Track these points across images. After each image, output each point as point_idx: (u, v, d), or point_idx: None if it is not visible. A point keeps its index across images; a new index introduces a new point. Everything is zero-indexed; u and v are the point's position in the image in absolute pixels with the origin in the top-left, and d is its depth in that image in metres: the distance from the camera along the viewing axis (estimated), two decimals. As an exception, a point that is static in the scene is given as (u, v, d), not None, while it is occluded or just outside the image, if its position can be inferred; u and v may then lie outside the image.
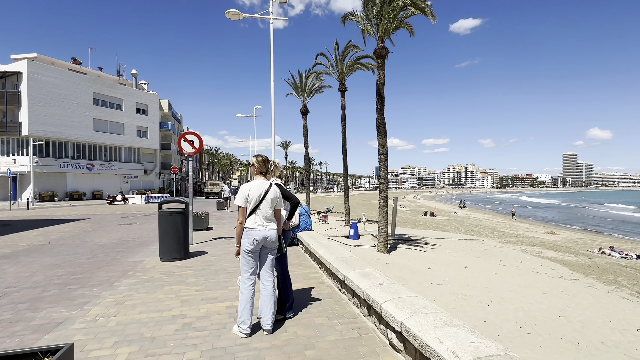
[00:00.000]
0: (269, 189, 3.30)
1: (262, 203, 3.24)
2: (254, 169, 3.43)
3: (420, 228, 28.92)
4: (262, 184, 3.32)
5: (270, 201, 3.29)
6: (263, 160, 3.44)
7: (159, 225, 6.26)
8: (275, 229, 3.32)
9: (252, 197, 3.22)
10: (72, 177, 38.27)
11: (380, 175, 15.01)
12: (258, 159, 3.47)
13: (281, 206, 3.48)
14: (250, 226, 3.20)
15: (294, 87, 30.86)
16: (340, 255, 5.03)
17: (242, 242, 3.22)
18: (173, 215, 6.25)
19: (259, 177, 3.41)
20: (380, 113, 14.82)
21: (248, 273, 3.25)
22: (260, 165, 3.42)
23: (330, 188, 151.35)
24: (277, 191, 3.39)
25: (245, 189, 3.26)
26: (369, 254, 13.17)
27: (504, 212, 53.04)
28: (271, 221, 3.30)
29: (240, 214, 3.24)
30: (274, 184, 3.40)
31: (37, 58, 36.76)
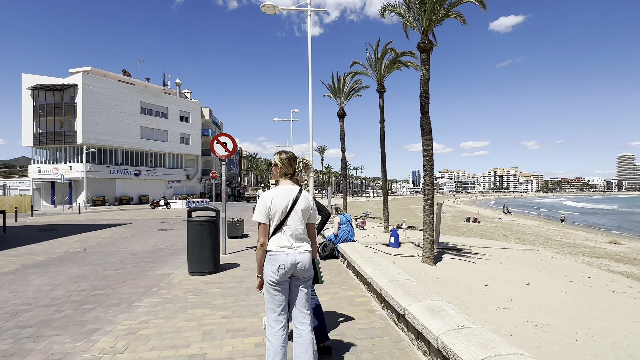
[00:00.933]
0: (298, 196, 2.43)
1: (289, 216, 2.38)
2: (277, 170, 2.56)
3: (464, 235, 26.93)
4: (289, 190, 2.44)
5: (302, 213, 2.41)
6: (288, 158, 2.54)
7: (188, 235, 5.71)
8: (308, 251, 2.42)
9: (276, 209, 2.35)
10: (121, 182, 40.32)
11: (425, 179, 13.77)
12: (282, 157, 2.54)
13: (315, 219, 2.57)
14: (274, 249, 2.33)
15: (331, 90, 30.23)
16: (393, 276, 4.11)
17: (265, 271, 2.36)
18: (202, 224, 5.66)
19: (285, 181, 2.52)
20: (425, 112, 13.63)
21: (275, 313, 2.36)
22: (285, 164, 2.52)
23: (366, 193, 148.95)
24: (309, 199, 2.50)
25: (267, 198, 2.38)
26: (414, 265, 12.00)
27: (553, 218, 48.73)
28: (303, 241, 2.43)
29: (261, 232, 2.36)
30: (304, 190, 2.53)
31: (91, 71, 39.33)
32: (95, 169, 37.24)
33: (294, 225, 2.36)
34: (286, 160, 2.51)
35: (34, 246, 9.09)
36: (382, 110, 23.65)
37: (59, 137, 36.63)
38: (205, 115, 54.96)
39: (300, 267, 2.34)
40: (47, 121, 36.99)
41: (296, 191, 2.44)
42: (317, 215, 2.63)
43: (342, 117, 30.53)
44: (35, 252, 8.16)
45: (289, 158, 2.52)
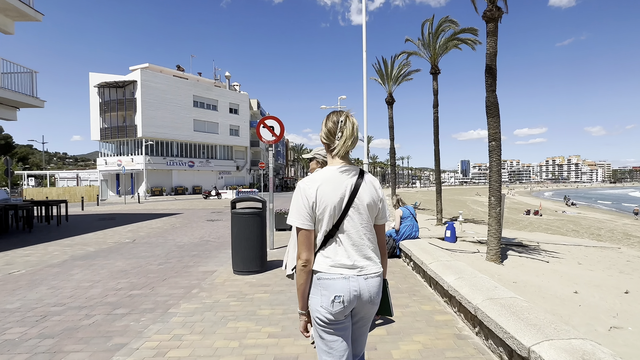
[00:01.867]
0: (359, 182, 1.50)
1: (347, 216, 1.47)
2: (328, 138, 1.56)
3: (527, 230, 24.27)
4: (344, 173, 1.50)
5: (367, 210, 1.50)
6: (334, 122, 1.53)
7: (232, 229, 5.09)
8: (378, 274, 1.50)
9: (324, 205, 1.44)
10: (177, 173, 42.35)
11: (492, 167, 12.11)
12: (332, 120, 1.54)
13: (386, 218, 1.63)
14: (326, 269, 1.44)
15: (379, 75, 28.66)
16: (489, 290, 3.08)
17: (312, 305, 1.47)
18: (247, 217, 5.00)
19: (336, 160, 1.54)
20: (492, 90, 11.88)
21: None
22: (331, 131, 1.53)
23: (413, 183, 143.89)
24: (376, 186, 1.57)
25: (308, 188, 1.47)
26: (479, 264, 10.59)
27: (624, 211, 42.79)
28: (370, 255, 1.50)
29: (302, 244, 1.45)
30: (367, 174, 1.58)
31: (149, 67, 41.38)
32: (154, 161, 39.39)
33: (355, 231, 1.46)
34: (332, 125, 1.52)
35: (89, 236, 9.23)
36: (435, 94, 21.74)
37: (122, 131, 39.20)
38: (254, 106, 55.81)
39: (368, 298, 1.44)
40: (111, 116, 39.72)
41: (355, 175, 1.49)
42: (387, 213, 1.64)
43: (391, 104, 28.85)
44: (88, 242, 8.19)
45: (334, 122, 1.52)
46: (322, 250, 1.45)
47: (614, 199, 73.60)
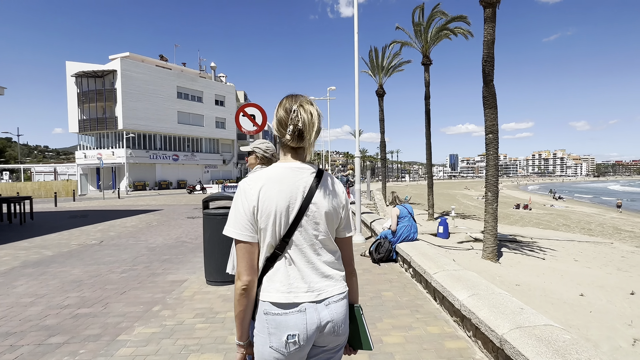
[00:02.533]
0: (316, 184, 1.19)
1: (300, 226, 1.16)
2: (279, 129, 1.25)
3: (519, 225, 24.24)
4: (295, 172, 1.19)
5: (325, 219, 1.20)
6: (286, 110, 1.21)
7: (204, 233, 4.38)
8: (343, 293, 1.21)
9: (268, 212, 1.13)
10: (160, 167, 40.99)
11: (489, 160, 11.66)
12: (284, 107, 1.23)
13: (352, 229, 1.32)
14: (275, 299, 1.13)
15: (370, 66, 27.99)
16: (515, 314, 2.48)
17: (258, 346, 1.15)
18: (222, 218, 4.29)
19: (287, 158, 1.24)
20: (489, 80, 11.39)
21: None
22: (283, 117, 1.22)
23: (402, 177, 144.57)
24: (338, 190, 1.26)
25: (250, 189, 1.15)
26: (476, 263, 10.15)
27: (608, 204, 43.82)
28: (331, 274, 1.20)
29: (242, 260, 1.13)
30: (328, 174, 1.26)
31: (130, 56, 39.65)
32: (136, 154, 37.95)
33: (309, 245, 1.18)
34: (283, 114, 1.22)
35: (52, 236, 8.35)
36: (427, 85, 21.22)
37: (101, 123, 37.57)
38: (240, 98, 54.48)
39: (330, 329, 1.17)
40: (90, 108, 38.00)
41: (310, 175, 1.21)
42: (353, 224, 1.35)
43: (382, 96, 28.29)
44: (48, 245, 7.34)
45: (285, 110, 1.22)
46: (267, 272, 1.16)
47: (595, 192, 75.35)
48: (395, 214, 5.12)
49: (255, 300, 1.15)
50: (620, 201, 39.94)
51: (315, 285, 1.15)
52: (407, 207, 5.24)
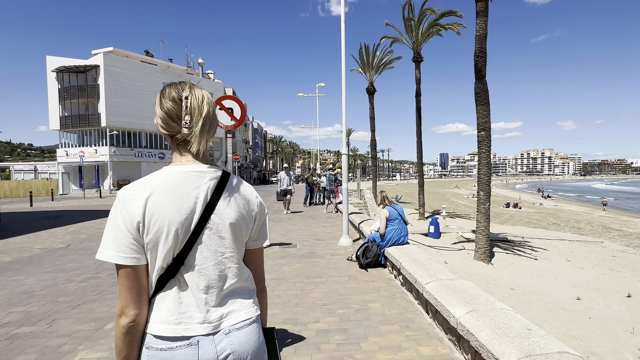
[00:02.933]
0: (219, 190, 0.99)
1: (198, 242, 0.95)
2: (168, 125, 1.03)
3: (509, 224, 24.25)
4: (191, 177, 0.97)
5: (232, 230, 1.00)
6: (174, 100, 1.01)
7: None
8: (250, 319, 1.01)
9: (157, 227, 0.90)
10: (146, 165, 39.97)
11: (481, 159, 11.40)
12: (171, 96, 1.03)
13: (266, 238, 1.14)
14: (160, 332, 0.90)
15: (361, 63, 27.64)
16: (527, 342, 2.08)
17: None
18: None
19: (183, 159, 1.01)
20: (481, 76, 11.13)
21: None
22: (171, 113, 1.01)
23: (393, 176, 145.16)
24: (247, 196, 1.07)
25: (133, 201, 0.90)
26: (469, 265, 9.87)
27: (595, 202, 44.78)
28: (235, 296, 1.01)
29: (126, 290, 0.89)
30: (236, 177, 1.08)
31: (114, 51, 38.51)
32: (120, 152, 36.91)
33: (213, 264, 0.97)
34: (172, 105, 1.01)
35: (16, 240, 7.74)
36: (418, 82, 20.97)
37: (83, 120, 36.40)
38: (229, 96, 53.54)
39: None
40: (72, 104, 36.79)
41: (212, 179, 1.00)
42: (268, 232, 1.19)
43: (372, 94, 27.99)
44: (9, 249, 6.75)
45: (174, 99, 1.02)
46: (154, 299, 0.94)
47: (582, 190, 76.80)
48: (384, 216, 4.72)
49: None
50: (605, 200, 40.72)
51: (214, 314, 0.96)
52: (397, 209, 4.85)
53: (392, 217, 4.75)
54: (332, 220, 10.52)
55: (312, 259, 5.58)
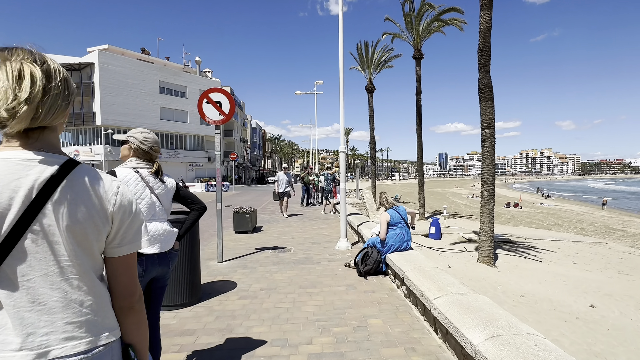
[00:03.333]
0: (54, 183, 0.79)
1: (18, 250, 0.76)
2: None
3: (510, 224, 23.88)
4: (17, 166, 0.77)
5: (70, 233, 0.81)
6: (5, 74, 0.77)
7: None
8: (87, 356, 0.81)
9: None
10: (142, 165, 39.38)
11: (485, 157, 10.99)
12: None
13: (135, 244, 0.92)
14: None
15: (360, 61, 27.21)
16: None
17: None
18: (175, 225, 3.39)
19: (8, 145, 0.80)
20: (485, 71, 10.71)
21: None
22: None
23: (392, 176, 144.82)
24: (98, 189, 0.86)
25: None
26: (473, 269, 9.45)
27: (594, 202, 44.66)
28: (75, 319, 0.81)
29: None
30: (83, 166, 0.87)
31: (109, 49, 37.98)
32: (115, 152, 36.38)
33: (40, 277, 0.79)
34: None
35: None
36: (419, 80, 20.56)
37: (78, 118, 35.88)
38: (226, 95, 53.01)
39: None
40: (66, 102, 36.20)
41: (44, 169, 0.80)
42: (137, 235, 0.95)
43: (371, 92, 27.57)
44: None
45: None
46: None
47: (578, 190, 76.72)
48: (385, 220, 4.29)
49: None
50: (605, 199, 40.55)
51: (38, 339, 0.77)
52: (400, 211, 4.42)
53: (393, 221, 4.33)
54: (330, 221, 10.09)
55: (307, 265, 5.15)
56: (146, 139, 2.18)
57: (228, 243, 6.89)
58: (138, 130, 2.21)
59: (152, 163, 2.20)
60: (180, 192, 2.32)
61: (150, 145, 2.20)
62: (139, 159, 2.14)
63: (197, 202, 2.38)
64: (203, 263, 5.32)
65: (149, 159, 2.17)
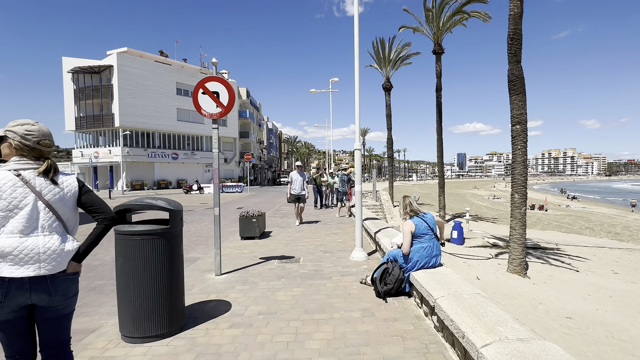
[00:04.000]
0: None
1: None
2: None
3: (537, 228, 22.44)
4: None
5: None
6: None
7: (115, 260, 2.84)
8: None
9: None
10: (159, 166, 39.75)
11: (515, 156, 10.01)
12: None
13: None
14: None
15: (376, 58, 26.35)
16: None
17: None
18: (139, 239, 2.75)
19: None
20: (516, 61, 9.75)
21: None
22: None
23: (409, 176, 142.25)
24: None
25: None
26: (503, 279, 8.51)
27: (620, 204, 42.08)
28: None
29: None
30: None
31: (127, 52, 38.44)
32: (133, 153, 36.75)
33: None
34: None
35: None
36: (439, 76, 19.54)
37: (98, 120, 36.44)
38: (243, 95, 53.11)
39: None
40: (86, 104, 36.89)
41: None
42: None
43: (388, 90, 26.64)
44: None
45: None
46: None
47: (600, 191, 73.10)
48: (409, 231, 3.53)
49: None
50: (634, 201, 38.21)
51: None
52: (427, 219, 3.64)
53: (419, 231, 3.56)
54: (344, 226, 9.35)
55: (317, 280, 4.44)
56: (29, 132, 1.76)
57: (232, 251, 6.27)
58: (19, 122, 1.77)
59: (44, 161, 1.74)
60: (82, 197, 1.83)
61: (37, 139, 1.78)
62: (23, 158, 1.74)
63: (102, 210, 1.91)
64: (199, 276, 4.70)
65: (37, 156, 1.73)
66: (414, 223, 3.55)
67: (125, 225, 2.81)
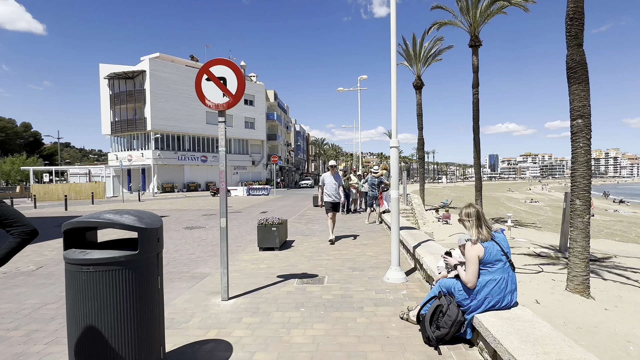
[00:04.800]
0: None
1: None
2: None
3: (589, 235, 20.11)
4: None
5: None
6: None
7: (66, 298, 2.07)
8: None
9: None
10: (189, 169, 40.30)
11: (577, 155, 8.53)
12: None
13: None
14: None
15: (406, 55, 25.02)
16: None
17: None
18: (98, 273, 1.96)
19: None
20: (577, 45, 8.28)
21: None
22: None
23: (438, 178, 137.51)
24: None
25: None
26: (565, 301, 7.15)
27: None
28: None
29: None
30: None
31: (160, 57, 39.34)
32: (164, 156, 37.43)
33: None
34: None
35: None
36: (476, 71, 18.00)
37: (131, 124, 37.46)
38: (270, 98, 53.12)
39: None
40: (121, 109, 38.06)
41: None
42: None
43: (419, 88, 25.24)
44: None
45: None
46: None
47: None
48: (476, 257, 2.52)
49: None
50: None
51: None
52: (500, 241, 2.61)
53: (490, 258, 2.54)
54: (375, 235, 8.33)
55: (345, 311, 3.51)
56: None
57: (247, 266, 5.46)
58: None
59: None
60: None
61: None
62: None
63: (18, 223, 1.72)
64: (203, 300, 3.91)
65: None
66: (483, 247, 2.54)
67: (75, 251, 2.03)
